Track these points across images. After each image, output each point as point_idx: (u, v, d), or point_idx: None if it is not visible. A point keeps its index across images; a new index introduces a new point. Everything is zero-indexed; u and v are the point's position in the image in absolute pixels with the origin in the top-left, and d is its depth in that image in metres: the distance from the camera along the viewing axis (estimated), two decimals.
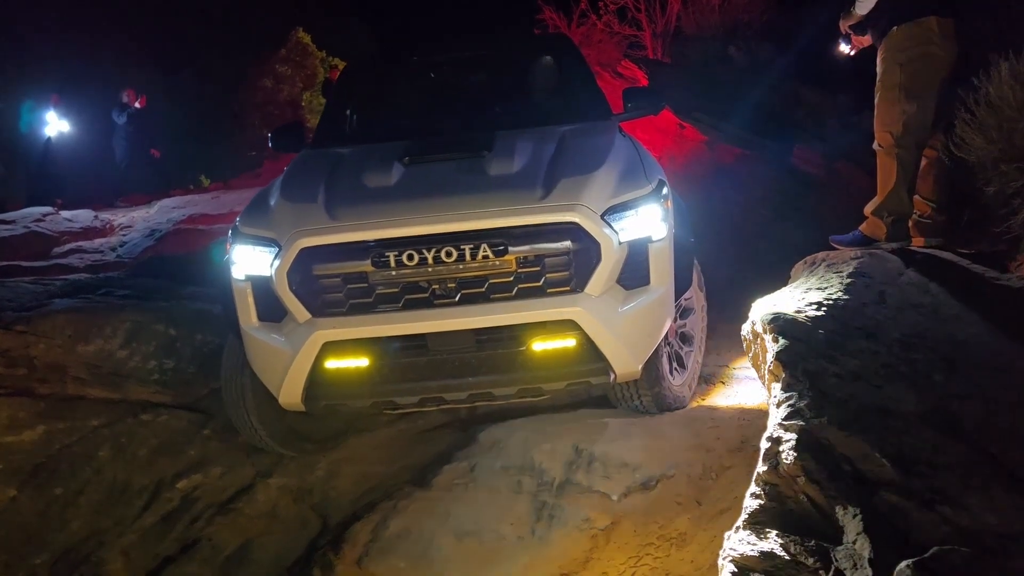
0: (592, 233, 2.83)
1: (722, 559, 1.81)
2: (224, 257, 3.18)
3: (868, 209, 3.77)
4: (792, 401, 2.13)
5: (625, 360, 2.91)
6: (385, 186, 3.10)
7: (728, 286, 4.85)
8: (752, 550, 1.75)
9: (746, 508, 1.91)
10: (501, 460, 3.17)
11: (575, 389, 3.08)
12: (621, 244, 2.89)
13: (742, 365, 4.21)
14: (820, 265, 3.44)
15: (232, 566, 2.91)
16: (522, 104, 4.21)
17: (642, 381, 3.25)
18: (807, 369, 2.29)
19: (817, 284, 3.07)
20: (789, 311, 2.69)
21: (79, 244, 8.68)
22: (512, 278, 2.85)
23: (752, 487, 1.96)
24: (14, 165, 12.07)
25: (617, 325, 2.87)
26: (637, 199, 2.99)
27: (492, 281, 2.85)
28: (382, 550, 2.77)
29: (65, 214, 9.42)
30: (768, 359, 2.45)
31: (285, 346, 2.92)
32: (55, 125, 11.36)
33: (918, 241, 3.81)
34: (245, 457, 3.47)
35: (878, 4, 3.66)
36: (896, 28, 3.58)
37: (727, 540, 1.84)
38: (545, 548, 2.68)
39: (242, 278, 3.04)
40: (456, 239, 2.81)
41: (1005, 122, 3.37)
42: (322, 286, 2.88)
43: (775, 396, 2.25)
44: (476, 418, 3.75)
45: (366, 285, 2.86)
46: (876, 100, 3.70)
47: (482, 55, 4.77)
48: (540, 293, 2.85)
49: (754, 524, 1.84)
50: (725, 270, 5.19)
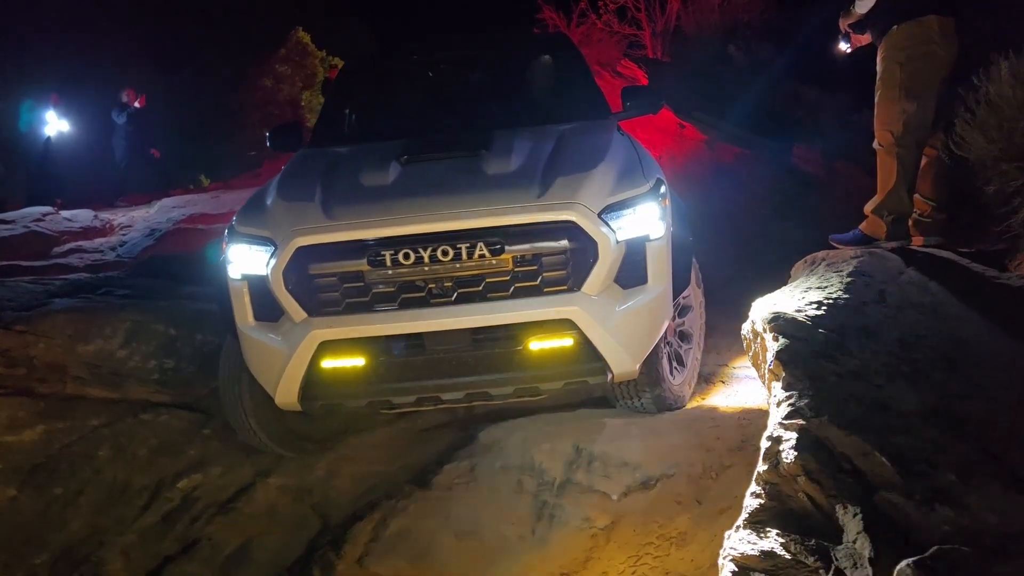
0: (589, 232, 2.82)
1: (722, 558, 1.81)
2: (220, 257, 3.18)
3: (868, 208, 3.77)
4: (792, 400, 2.13)
5: (622, 360, 2.89)
6: (382, 185, 3.08)
7: (728, 285, 4.85)
8: (752, 549, 1.75)
9: (746, 507, 1.91)
10: (501, 460, 3.17)
11: (572, 389, 3.06)
12: (618, 243, 2.88)
13: (742, 364, 4.21)
14: (820, 264, 3.43)
15: (232, 566, 2.91)
16: (520, 103, 4.20)
17: (642, 382, 3.25)
18: (807, 368, 2.28)
19: (817, 283, 3.07)
20: (789, 310, 2.68)
21: (79, 244, 8.66)
22: (509, 277, 2.83)
23: (752, 486, 1.96)
24: (14, 165, 12.05)
25: (614, 324, 2.86)
26: (635, 198, 2.97)
27: (489, 280, 2.83)
28: (383, 549, 2.77)
29: (65, 214, 9.40)
30: (768, 358, 2.45)
31: (281, 346, 2.91)
32: (55, 125, 11.34)
33: (918, 240, 3.81)
34: (245, 457, 3.46)
35: (878, 3, 3.66)
36: (897, 27, 3.58)
37: (727, 539, 1.84)
38: (545, 547, 2.68)
39: (238, 277, 3.03)
40: (452, 238, 2.80)
41: (1005, 121, 3.37)
42: (318, 285, 2.87)
43: (775, 395, 2.25)
44: (476, 418, 3.75)
45: (362, 284, 2.85)
46: (876, 99, 3.69)
47: (480, 54, 4.76)
48: (537, 292, 2.84)
49: (754, 523, 1.84)
50: (725, 269, 5.19)
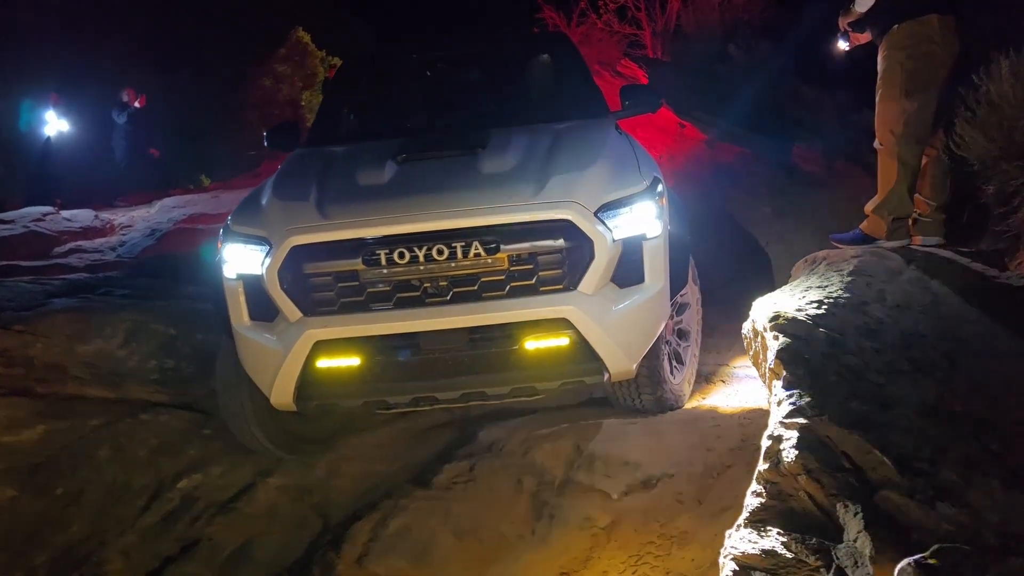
0: (585, 231, 2.81)
1: (723, 557, 1.81)
2: (215, 256, 3.17)
3: (868, 208, 3.77)
4: (793, 399, 2.13)
5: (619, 359, 2.88)
6: (378, 184, 3.07)
7: (728, 285, 4.85)
8: (753, 548, 1.75)
9: (747, 506, 1.91)
10: (501, 459, 3.17)
11: (569, 388, 3.04)
12: (615, 242, 2.86)
13: (742, 364, 4.21)
14: (821, 264, 3.43)
15: (232, 566, 2.90)
16: (518, 102, 4.19)
17: (642, 381, 3.24)
18: (808, 367, 2.29)
19: (818, 282, 3.07)
20: (790, 309, 2.68)
21: (79, 244, 8.65)
22: (504, 276, 2.82)
23: (753, 485, 1.96)
24: (13, 165, 12.05)
25: (611, 324, 2.84)
26: (631, 196, 2.95)
27: (484, 279, 2.82)
28: (383, 549, 2.77)
29: (65, 214, 9.39)
30: (769, 357, 2.45)
31: (276, 345, 2.90)
32: (54, 124, 11.32)
33: (918, 240, 3.81)
34: (245, 457, 3.46)
35: (878, 2, 3.65)
36: (897, 26, 3.58)
37: (728, 538, 1.84)
38: (546, 547, 2.68)
39: (233, 277, 3.02)
40: (447, 237, 2.79)
41: (1005, 120, 3.36)
42: (313, 285, 2.86)
43: (776, 394, 2.25)
44: (476, 417, 3.75)
45: (357, 284, 2.84)
46: (877, 98, 3.69)
47: (478, 53, 4.75)
48: (533, 291, 2.83)
49: (755, 522, 1.84)
50: (725, 269, 5.19)
